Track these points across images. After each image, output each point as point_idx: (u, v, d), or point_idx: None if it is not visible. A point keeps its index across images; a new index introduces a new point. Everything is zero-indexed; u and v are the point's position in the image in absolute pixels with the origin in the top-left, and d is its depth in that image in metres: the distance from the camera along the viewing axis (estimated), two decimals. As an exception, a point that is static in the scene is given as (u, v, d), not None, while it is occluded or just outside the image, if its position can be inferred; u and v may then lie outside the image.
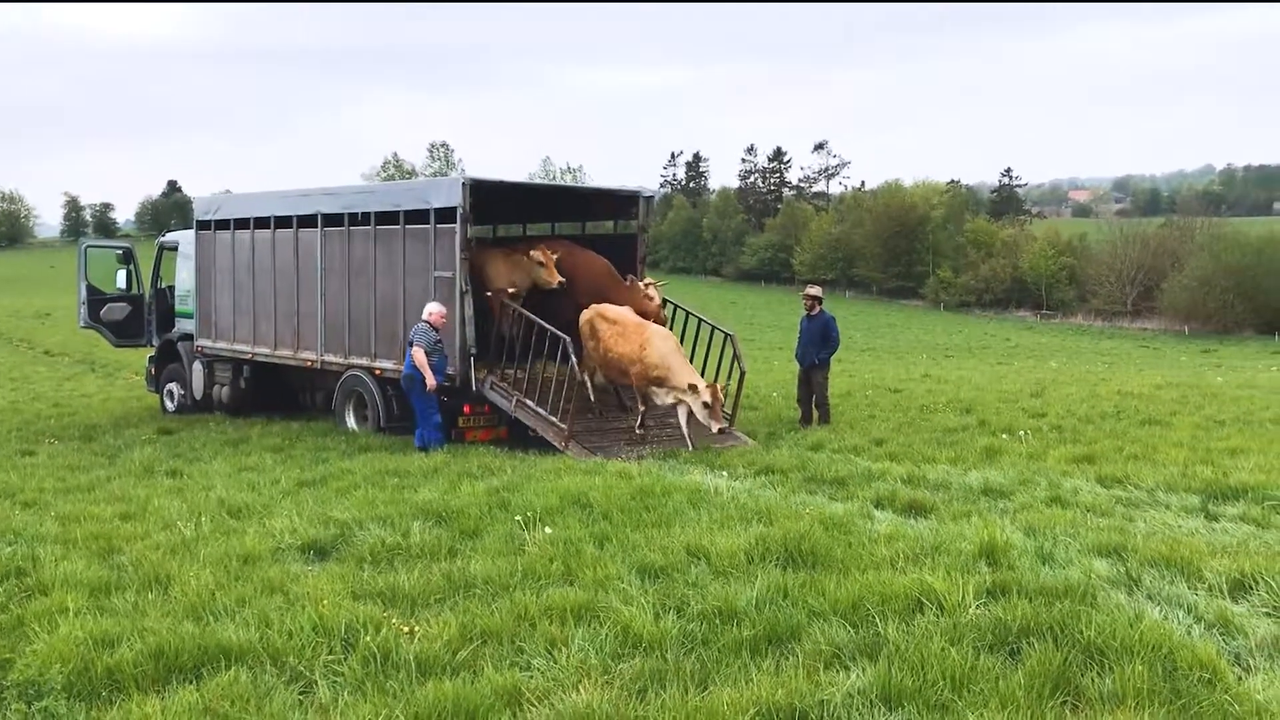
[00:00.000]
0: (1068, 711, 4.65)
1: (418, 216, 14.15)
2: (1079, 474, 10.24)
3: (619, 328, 13.38)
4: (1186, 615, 5.81)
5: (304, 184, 23.50)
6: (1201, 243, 76.94)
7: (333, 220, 15.50)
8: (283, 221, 16.42)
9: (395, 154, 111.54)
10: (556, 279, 14.19)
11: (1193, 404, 17.27)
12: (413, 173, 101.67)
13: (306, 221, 15.97)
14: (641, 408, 13.33)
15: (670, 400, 13.07)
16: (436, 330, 13.18)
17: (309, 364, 16.20)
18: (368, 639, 5.57)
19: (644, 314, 14.01)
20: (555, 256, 14.36)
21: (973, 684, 4.87)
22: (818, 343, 15.40)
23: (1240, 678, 4.98)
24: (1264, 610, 5.93)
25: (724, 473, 10.87)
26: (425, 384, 12.92)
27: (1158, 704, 4.60)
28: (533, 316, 13.61)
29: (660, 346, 13.00)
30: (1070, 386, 21.66)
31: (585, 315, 13.89)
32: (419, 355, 12.89)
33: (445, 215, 13.66)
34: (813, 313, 15.41)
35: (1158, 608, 5.92)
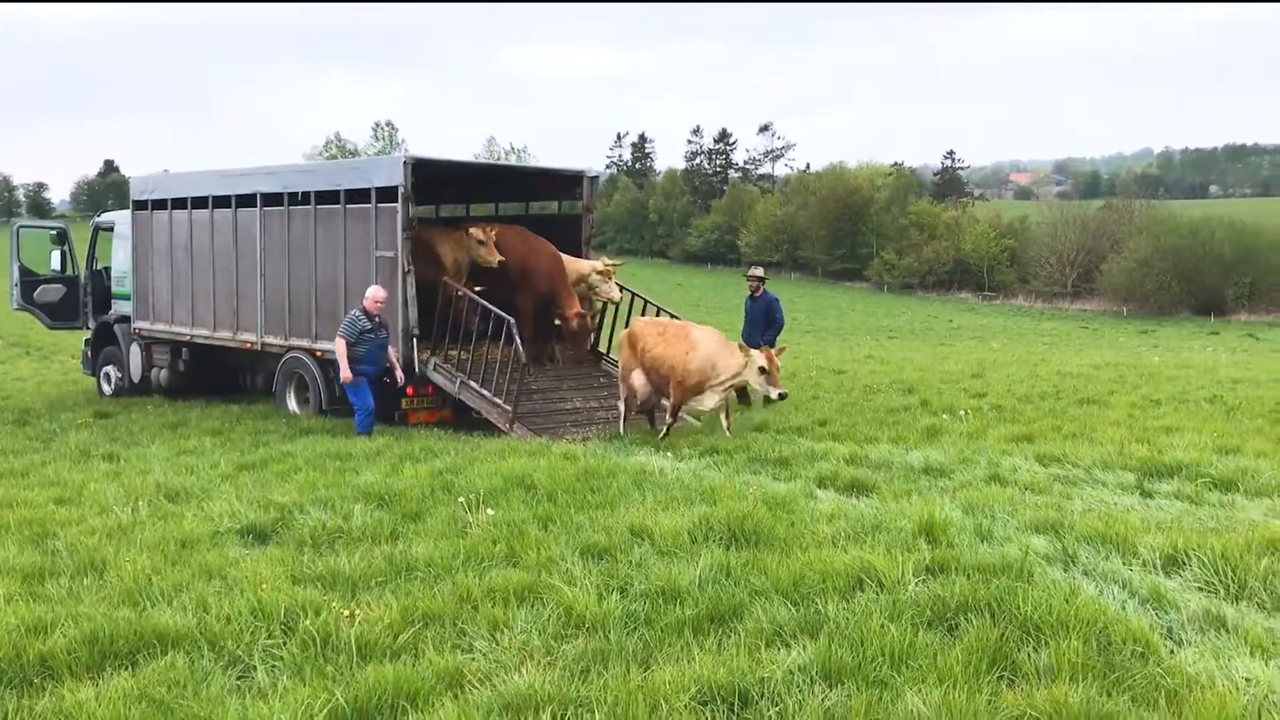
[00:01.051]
0: (1004, 686, 4.71)
1: (359, 196, 13.99)
2: (1018, 453, 10.36)
3: (662, 332, 12.62)
4: (1121, 591, 5.90)
5: (245, 164, 23.20)
6: (1140, 225, 78.03)
7: (272, 200, 15.30)
8: (221, 201, 16.18)
9: (338, 133, 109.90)
10: (496, 257, 14.11)
11: (1130, 384, 17.57)
12: (356, 152, 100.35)
13: (245, 201, 15.75)
14: (670, 420, 12.43)
15: (719, 400, 12.31)
16: (371, 317, 12.87)
17: (249, 346, 16.01)
18: (307, 623, 5.51)
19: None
20: (494, 233, 14.29)
21: (911, 660, 4.92)
22: (762, 324, 15.48)
23: (1172, 651, 5.07)
24: (1196, 585, 6.04)
25: (669, 454, 10.88)
26: (355, 371, 12.74)
27: (1092, 678, 4.67)
28: (476, 297, 13.53)
29: (705, 351, 12.14)
30: (1011, 367, 21.96)
31: (631, 327, 13.12)
32: (339, 346, 12.69)
33: (387, 195, 13.53)
34: (756, 294, 15.48)
35: (1093, 583, 6.01)
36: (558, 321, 14.66)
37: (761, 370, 11.69)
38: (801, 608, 5.68)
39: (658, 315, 14.96)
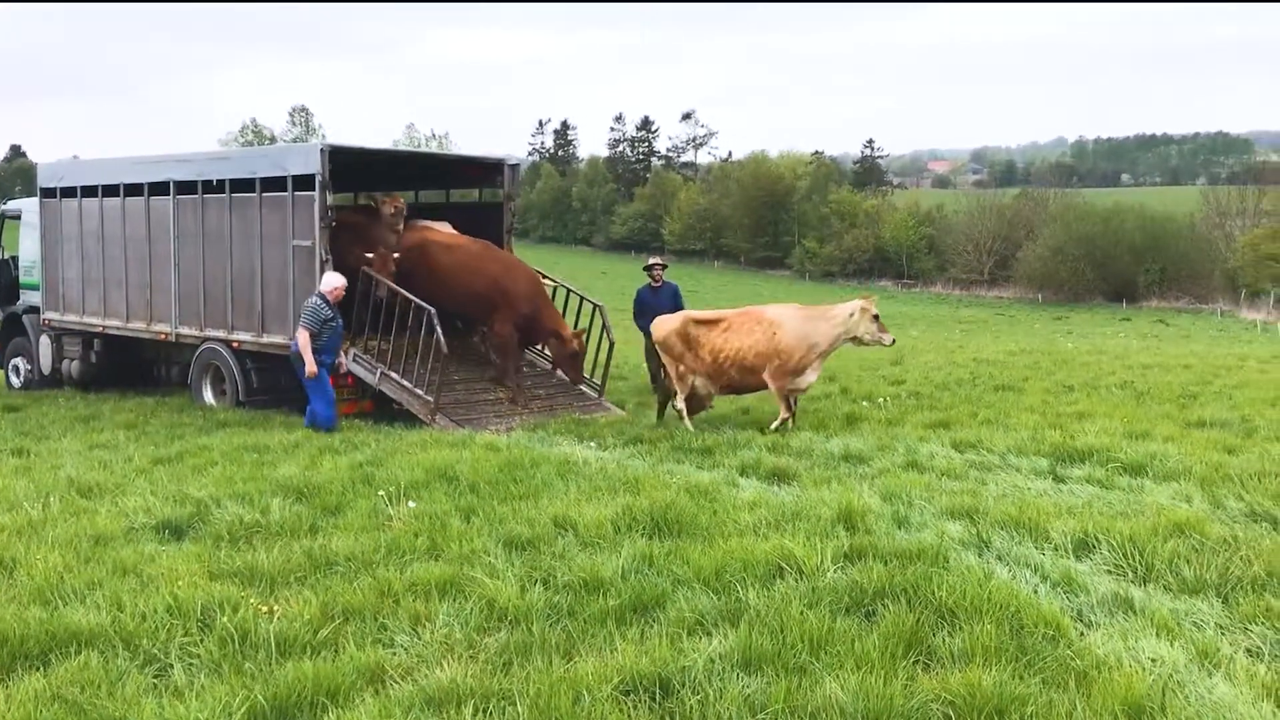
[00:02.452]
0: (920, 670, 4.80)
1: (275, 184, 13.78)
2: (935, 439, 10.54)
3: (724, 324, 12.02)
4: (1033, 575, 6.04)
5: (158, 150, 22.71)
6: (1054, 213, 79.59)
7: (186, 188, 15.02)
8: (133, 189, 15.84)
9: (253, 119, 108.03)
10: (400, 227, 14.09)
11: (1044, 370, 17.95)
12: (272, 138, 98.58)
13: (158, 189, 15.44)
14: (784, 414, 11.66)
15: (816, 377, 12.01)
16: (331, 304, 12.52)
17: (163, 337, 15.72)
18: (225, 619, 5.44)
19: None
20: (402, 202, 14.28)
21: (830, 646, 4.99)
22: (670, 311, 15.56)
23: (1082, 633, 5.20)
24: (1105, 568, 6.20)
25: (593, 443, 10.90)
26: (299, 363, 12.35)
27: (1004, 661, 4.77)
28: (395, 286, 13.40)
29: (792, 326, 11.65)
30: (929, 354, 22.32)
31: (670, 325, 12.31)
32: (303, 338, 12.23)
33: (303, 183, 13.34)
34: (658, 284, 15.53)
35: (1006, 568, 6.14)
36: (541, 345, 14.29)
37: (875, 318, 11.50)
38: (723, 596, 5.73)
39: (580, 305, 14.96)
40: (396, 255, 13.91)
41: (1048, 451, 9.63)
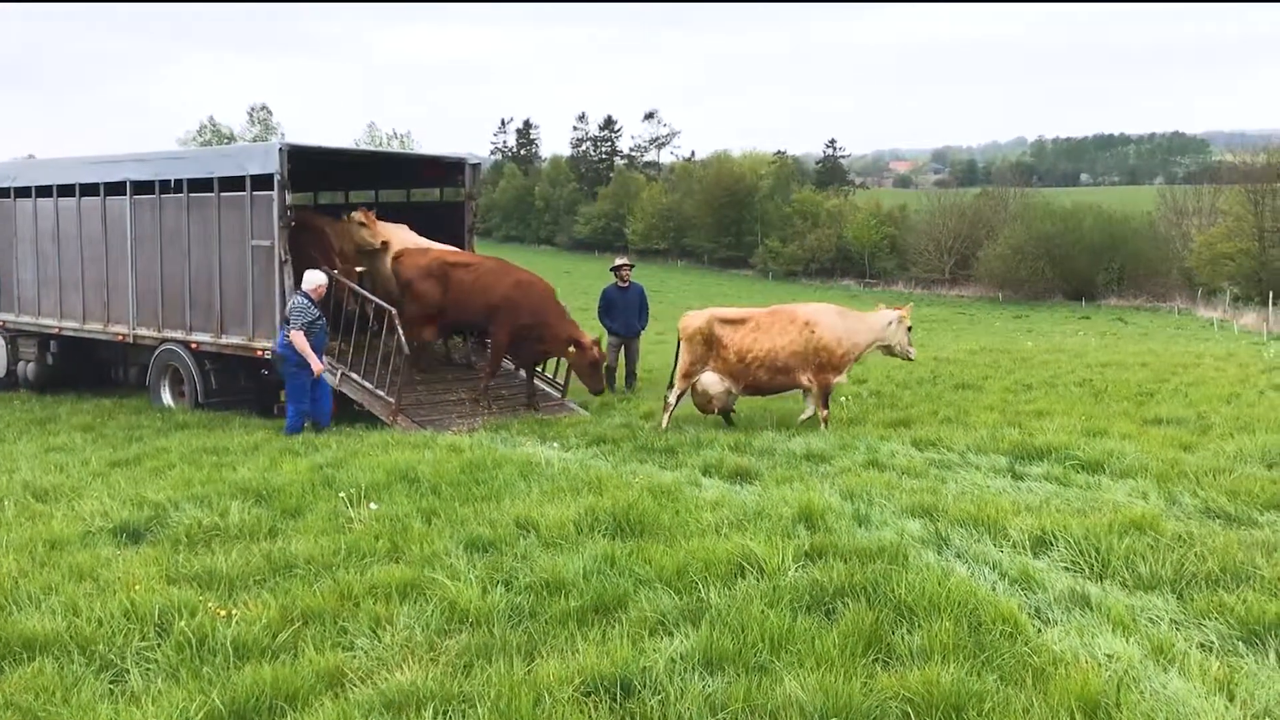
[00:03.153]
0: (879, 668, 4.83)
1: (233, 184, 13.69)
2: (896, 438, 10.60)
3: (751, 323, 11.82)
4: (992, 572, 6.09)
5: (115, 149, 22.45)
6: (1014, 212, 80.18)
7: (143, 188, 14.89)
8: (89, 189, 15.70)
9: (212, 118, 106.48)
10: (380, 238, 14.05)
11: (1004, 369, 18.08)
12: (231, 137, 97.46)
13: (115, 189, 15.29)
14: (823, 412, 11.65)
15: (845, 377, 11.95)
16: (315, 303, 12.27)
17: (120, 338, 15.57)
18: (182, 624, 5.39)
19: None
20: (373, 215, 14.26)
21: (790, 645, 5.01)
22: (637, 312, 15.65)
23: (1039, 630, 5.24)
24: (1062, 565, 6.26)
25: (556, 444, 10.88)
26: (298, 365, 12.03)
27: (962, 658, 4.81)
28: (356, 287, 13.34)
29: (829, 323, 11.58)
30: (890, 353, 22.38)
31: (695, 323, 12.01)
32: (300, 340, 11.93)
33: (262, 182, 13.25)
34: (625, 284, 15.57)
35: (965, 565, 6.19)
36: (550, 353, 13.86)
37: (910, 329, 11.54)
38: (684, 596, 5.74)
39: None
40: (362, 270, 13.95)
41: (1007, 449, 9.70)
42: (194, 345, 14.37)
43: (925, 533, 6.87)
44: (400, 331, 12.47)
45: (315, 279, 12.39)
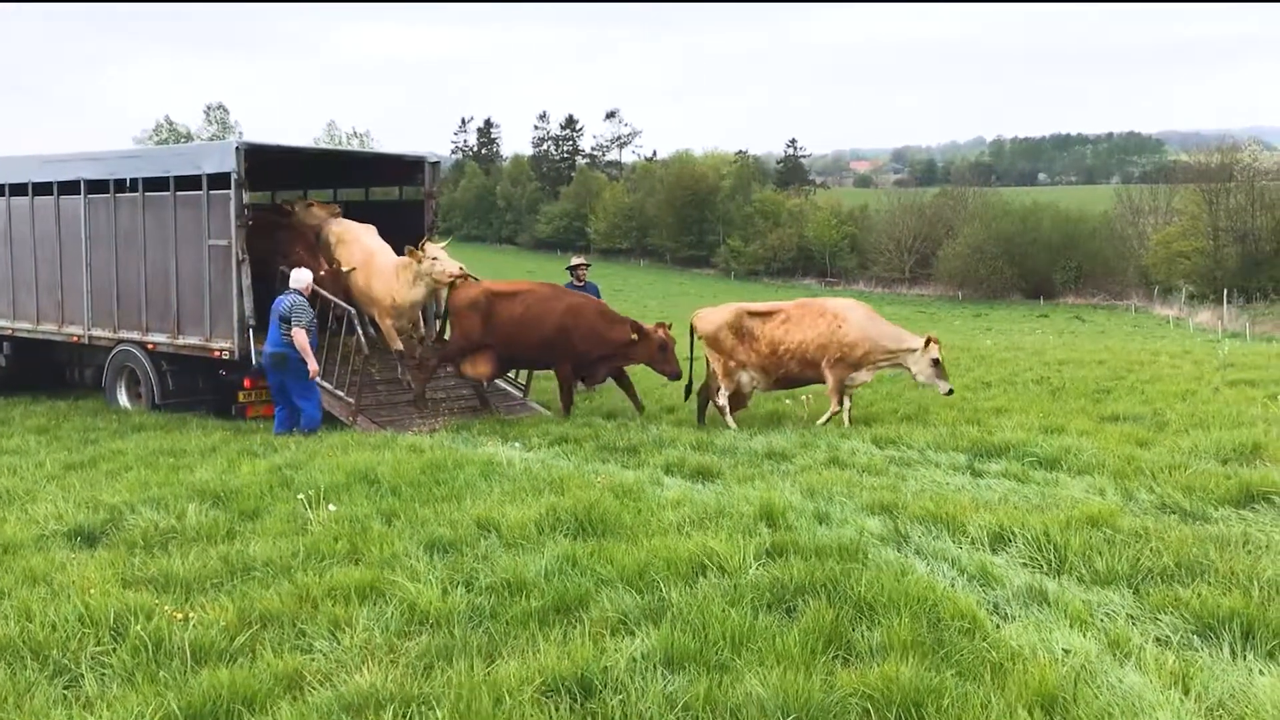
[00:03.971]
0: (839, 665, 4.84)
1: (190, 183, 13.55)
2: (856, 436, 10.64)
3: (781, 315, 11.89)
4: (950, 568, 6.12)
5: (69, 148, 22.18)
6: (973, 212, 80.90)
7: (97, 187, 14.71)
8: (42, 188, 15.49)
9: (168, 116, 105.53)
10: (453, 268, 13.85)
11: (963, 366, 18.21)
12: (188, 136, 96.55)
13: (69, 188, 15.10)
14: (834, 407, 11.74)
15: (870, 378, 11.94)
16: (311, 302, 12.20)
17: (75, 339, 15.38)
18: (138, 628, 5.32)
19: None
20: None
21: (751, 643, 5.01)
22: None
23: (998, 625, 5.27)
24: (1020, 561, 6.30)
25: (517, 444, 10.84)
26: (297, 364, 11.95)
27: (921, 654, 4.83)
28: (317, 288, 13.23)
29: (856, 320, 11.67)
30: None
31: (721, 318, 12.11)
32: (302, 337, 11.82)
33: (219, 181, 13.13)
34: (580, 284, 15.57)
35: (924, 562, 6.22)
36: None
37: (935, 362, 11.42)
38: (646, 595, 5.73)
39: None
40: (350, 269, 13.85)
41: (966, 447, 9.76)
42: (150, 346, 14.22)
43: (885, 530, 6.90)
44: (359, 331, 12.39)
45: (305, 277, 12.35)
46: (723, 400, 12.12)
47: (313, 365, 11.98)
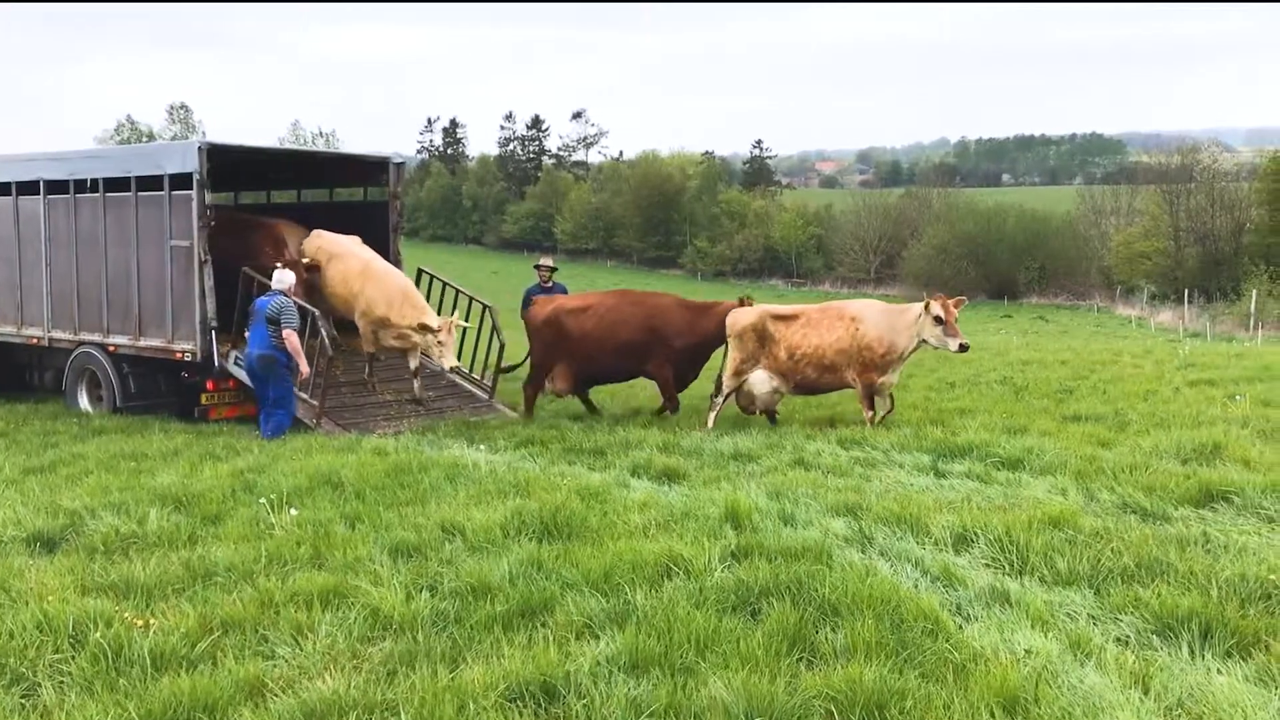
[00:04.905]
0: (803, 668, 4.85)
1: (151, 183, 13.43)
2: (822, 437, 10.65)
3: (802, 320, 11.68)
4: (914, 569, 6.14)
5: (27, 148, 21.93)
6: (938, 212, 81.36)
7: (57, 187, 14.55)
8: (0, 189, 15.28)
9: (129, 116, 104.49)
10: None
11: (927, 367, 18.32)
12: (150, 136, 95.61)
13: (28, 188, 14.93)
14: (867, 413, 11.45)
15: (897, 378, 11.62)
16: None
17: (35, 341, 15.19)
18: (98, 635, 5.26)
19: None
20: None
21: (716, 645, 5.01)
22: None
23: (960, 626, 5.30)
24: (983, 562, 6.34)
25: (483, 446, 10.81)
26: (283, 368, 11.89)
27: (885, 656, 4.85)
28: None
29: (874, 320, 11.34)
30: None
31: (746, 319, 11.85)
32: (294, 340, 11.77)
33: (181, 182, 13.02)
34: (547, 284, 15.56)
35: (888, 563, 6.24)
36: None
37: (937, 320, 10.88)
38: (611, 598, 5.72)
39: (470, 306, 14.80)
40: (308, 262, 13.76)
41: (929, 447, 9.79)
42: (112, 348, 14.08)
43: (850, 531, 6.92)
44: (323, 332, 12.31)
45: (289, 278, 12.26)
46: (719, 398, 12.03)
47: (304, 367, 11.93)
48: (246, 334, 12.27)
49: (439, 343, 12.67)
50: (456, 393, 14.22)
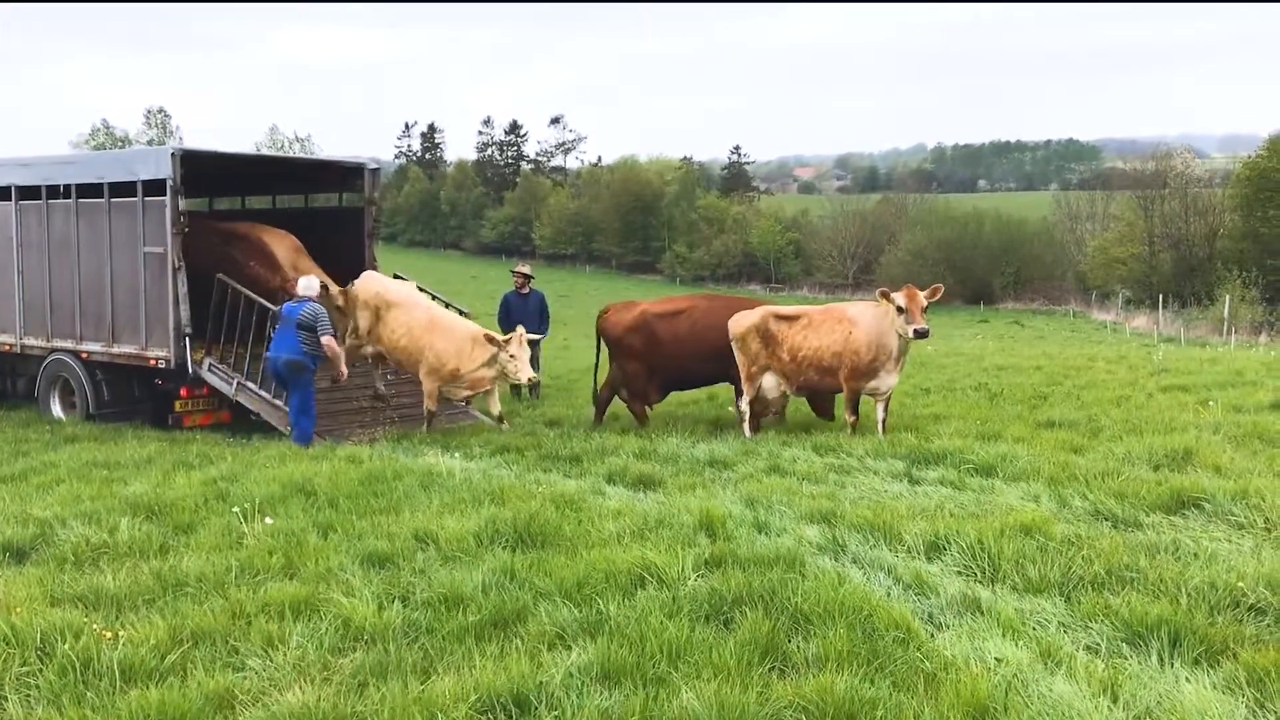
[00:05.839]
0: (775, 677, 4.86)
1: (124, 189, 13.35)
2: (797, 444, 10.67)
3: (804, 320, 11.59)
4: (886, 577, 6.16)
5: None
6: (915, 218, 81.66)
7: (29, 193, 14.44)
8: None
9: (105, 120, 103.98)
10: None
11: (904, 373, 18.31)
12: (126, 140, 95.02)
13: None
14: (852, 418, 11.45)
15: (895, 380, 11.46)
16: None
17: (7, 348, 15.08)
18: (66, 647, 5.22)
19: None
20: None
21: (688, 655, 5.01)
22: (537, 319, 15.64)
23: (932, 635, 5.31)
24: (955, 569, 6.36)
25: (458, 453, 10.77)
26: (310, 375, 11.84)
27: (857, 665, 4.86)
28: (252, 295, 13.08)
29: (866, 324, 11.20)
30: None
31: (749, 320, 11.78)
32: (335, 345, 11.75)
33: (154, 187, 12.95)
34: (524, 290, 15.55)
35: (861, 571, 6.25)
36: None
37: (900, 310, 10.75)
38: (584, 608, 5.71)
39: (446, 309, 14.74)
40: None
41: (904, 454, 9.80)
42: (85, 355, 13.98)
43: (823, 539, 6.92)
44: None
45: (315, 284, 12.23)
46: (744, 406, 11.89)
47: (343, 369, 12.01)
48: (270, 336, 12.20)
49: (511, 356, 12.22)
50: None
